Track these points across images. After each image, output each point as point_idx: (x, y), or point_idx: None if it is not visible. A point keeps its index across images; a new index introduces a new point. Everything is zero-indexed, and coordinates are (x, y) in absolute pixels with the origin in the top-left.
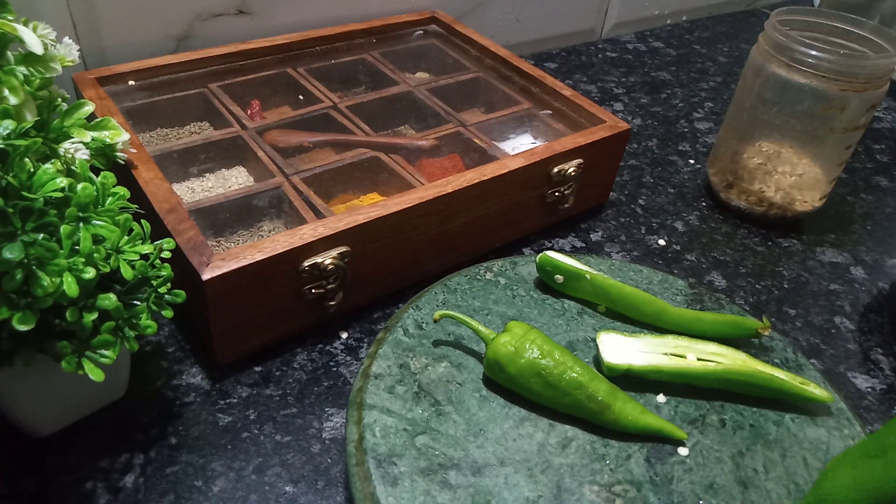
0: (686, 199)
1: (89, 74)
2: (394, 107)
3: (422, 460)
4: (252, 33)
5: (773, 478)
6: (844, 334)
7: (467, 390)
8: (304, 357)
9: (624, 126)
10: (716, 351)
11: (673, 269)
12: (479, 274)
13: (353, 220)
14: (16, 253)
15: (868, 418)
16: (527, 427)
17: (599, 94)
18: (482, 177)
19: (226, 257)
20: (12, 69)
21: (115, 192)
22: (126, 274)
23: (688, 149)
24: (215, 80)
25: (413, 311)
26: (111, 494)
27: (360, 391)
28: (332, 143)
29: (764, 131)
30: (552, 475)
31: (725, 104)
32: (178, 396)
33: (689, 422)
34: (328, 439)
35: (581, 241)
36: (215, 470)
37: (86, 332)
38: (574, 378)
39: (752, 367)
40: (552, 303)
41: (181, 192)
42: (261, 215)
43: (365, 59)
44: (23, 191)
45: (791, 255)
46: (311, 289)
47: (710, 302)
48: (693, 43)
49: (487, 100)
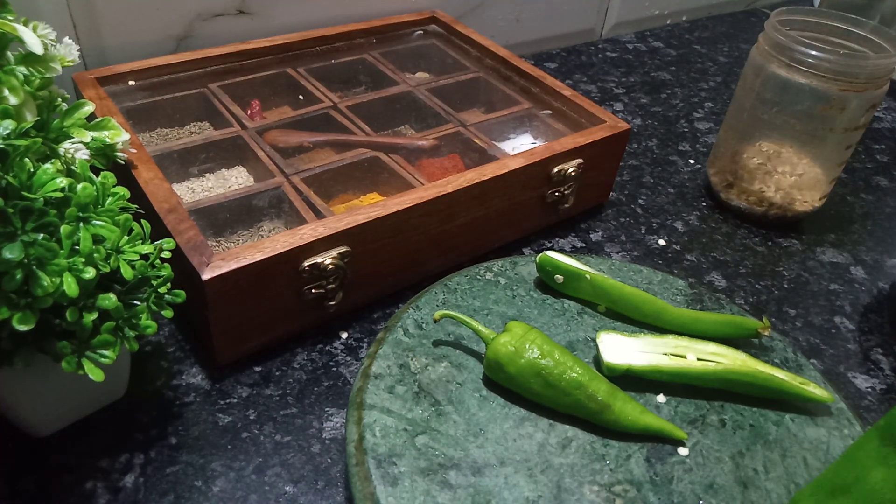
0: (686, 199)
1: (89, 74)
2: (394, 107)
3: (422, 460)
4: (252, 33)
5: (773, 478)
6: (844, 334)
7: (467, 390)
8: (304, 357)
9: (624, 126)
10: (716, 351)
11: (673, 269)
12: (479, 274)
13: (353, 220)
14: (16, 253)
15: (868, 418)
16: (527, 427)
17: (599, 94)
18: (482, 177)
19: (226, 257)
20: (12, 69)
21: (115, 192)
22: (126, 274)
23: (688, 149)
24: (215, 80)
25: (413, 311)
26: (111, 494)
27: (360, 391)
28: (332, 143)
29: (764, 131)
30: (552, 475)
31: (725, 104)
32: (178, 396)
33: (689, 422)
34: (328, 439)
35: (581, 241)
36: (215, 470)
37: (86, 332)
38: (574, 378)
39: (752, 367)
40: (552, 303)
41: (181, 192)
42: (261, 215)
43: (365, 59)
44: (23, 191)
45: (791, 255)
46: (311, 289)
47: (710, 302)
48: (693, 43)
49: (487, 100)
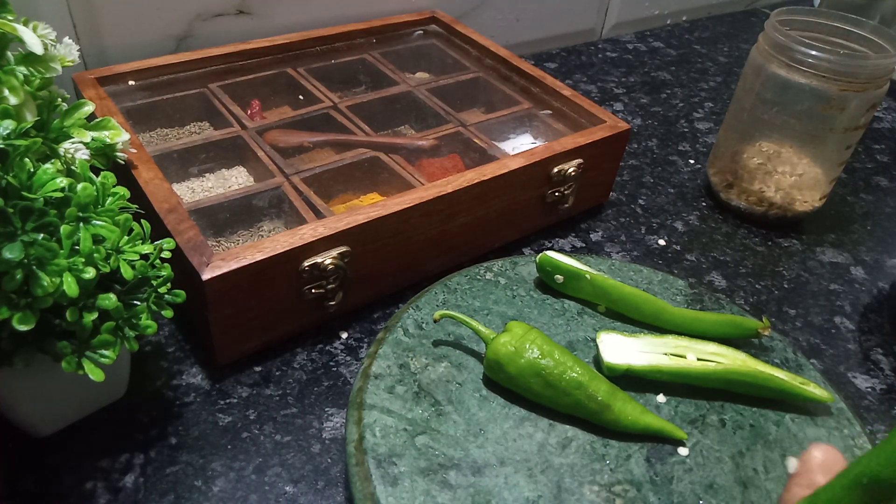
0: (686, 199)
1: (89, 74)
2: (394, 107)
3: (422, 460)
4: (252, 33)
5: (773, 478)
6: (844, 334)
7: (467, 390)
8: (304, 357)
9: (624, 126)
10: (716, 351)
11: (673, 269)
12: (479, 274)
13: (353, 220)
14: (16, 253)
15: (868, 418)
16: (527, 427)
17: (599, 94)
18: (482, 177)
19: (226, 257)
20: (12, 69)
21: (115, 192)
22: (126, 274)
23: (688, 149)
24: (215, 80)
25: (413, 311)
26: (111, 494)
27: (360, 391)
28: (332, 143)
29: (764, 131)
30: (552, 475)
31: (725, 104)
32: (178, 396)
33: (689, 422)
34: (328, 439)
35: (581, 241)
36: (215, 470)
37: (86, 332)
38: (574, 378)
39: (752, 367)
40: (552, 303)
41: (181, 192)
42: (261, 215)
43: (365, 59)
44: (23, 191)
45: (791, 255)
46: (311, 289)
47: (710, 302)
48: (693, 43)
49: (487, 100)
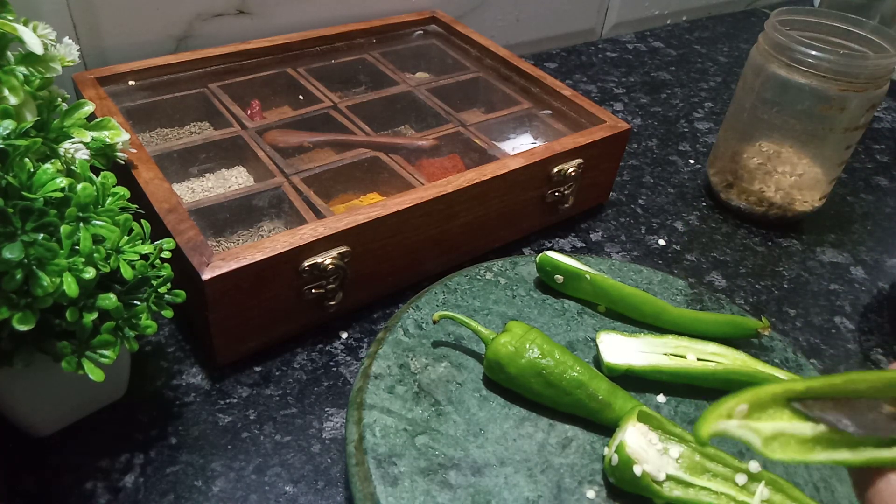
0: (686, 199)
1: (89, 74)
2: (394, 107)
3: (422, 460)
4: (252, 33)
5: None
6: (844, 334)
7: (467, 390)
8: (304, 357)
9: (624, 126)
10: (716, 351)
11: (673, 269)
12: (479, 274)
13: (353, 220)
14: (16, 253)
15: None
16: (527, 427)
17: (599, 94)
18: (482, 177)
19: (226, 257)
20: (12, 69)
21: (115, 192)
22: (126, 274)
23: (688, 149)
24: (215, 80)
25: (413, 311)
26: (111, 494)
27: (360, 391)
28: (332, 143)
29: (764, 131)
30: (552, 475)
31: (725, 104)
32: (178, 396)
33: (689, 422)
34: (328, 439)
35: (581, 241)
36: (215, 470)
37: (86, 332)
38: (575, 377)
39: (752, 367)
40: (552, 303)
41: (181, 192)
42: (261, 215)
43: (365, 59)
44: (23, 191)
45: (791, 255)
46: (311, 289)
47: (710, 302)
48: (693, 43)
49: (487, 100)
